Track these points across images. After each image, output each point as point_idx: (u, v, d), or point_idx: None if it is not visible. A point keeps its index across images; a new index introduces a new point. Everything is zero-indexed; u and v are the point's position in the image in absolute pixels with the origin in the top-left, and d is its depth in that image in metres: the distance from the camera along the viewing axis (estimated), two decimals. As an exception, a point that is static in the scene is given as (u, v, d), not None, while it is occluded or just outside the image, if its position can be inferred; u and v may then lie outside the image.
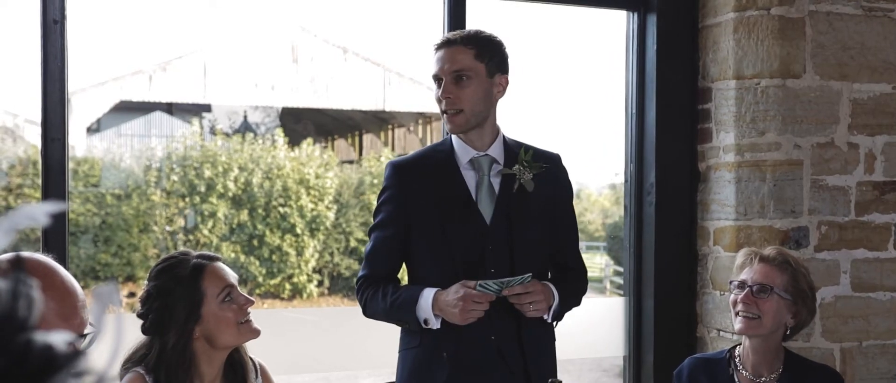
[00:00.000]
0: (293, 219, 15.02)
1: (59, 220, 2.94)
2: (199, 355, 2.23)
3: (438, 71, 2.49)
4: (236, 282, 2.29)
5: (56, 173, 2.94)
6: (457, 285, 2.41)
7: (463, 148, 2.55)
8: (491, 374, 2.50)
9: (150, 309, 2.22)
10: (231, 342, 2.25)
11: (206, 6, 19.23)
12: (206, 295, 2.21)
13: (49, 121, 2.92)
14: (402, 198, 2.53)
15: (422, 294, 2.46)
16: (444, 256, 2.49)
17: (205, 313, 2.21)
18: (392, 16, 19.23)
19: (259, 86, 16.22)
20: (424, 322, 2.46)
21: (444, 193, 2.52)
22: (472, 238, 2.49)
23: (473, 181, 2.53)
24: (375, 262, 2.57)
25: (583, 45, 19.77)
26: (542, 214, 2.56)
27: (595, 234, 26.53)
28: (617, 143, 3.85)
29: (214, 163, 14.77)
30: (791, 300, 2.58)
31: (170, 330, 2.19)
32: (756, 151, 3.50)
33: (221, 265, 2.28)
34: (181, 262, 2.25)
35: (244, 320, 2.25)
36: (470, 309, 2.38)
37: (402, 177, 2.55)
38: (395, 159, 2.64)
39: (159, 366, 2.19)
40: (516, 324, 2.52)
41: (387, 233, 2.55)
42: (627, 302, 3.79)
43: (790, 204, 3.48)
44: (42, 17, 2.92)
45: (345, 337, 3.61)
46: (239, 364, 2.34)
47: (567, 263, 2.64)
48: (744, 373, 2.63)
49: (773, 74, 3.48)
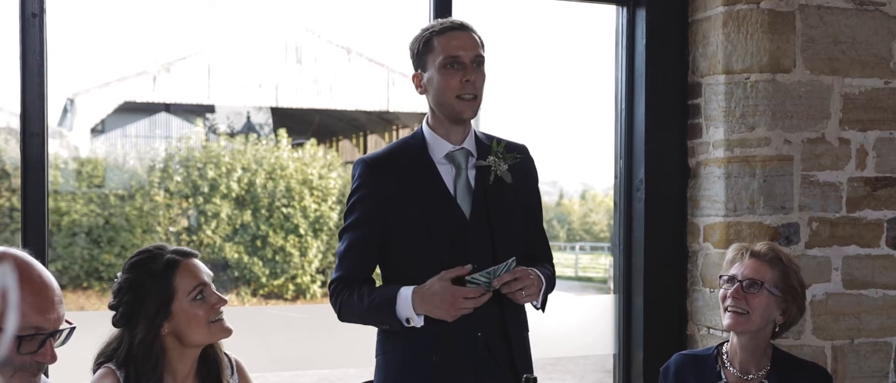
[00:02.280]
0: (296, 220, 15.02)
1: (38, 216, 2.92)
2: (170, 351, 2.21)
3: (457, 54, 2.41)
4: (210, 280, 2.25)
5: (35, 169, 2.92)
6: (435, 278, 2.37)
7: (437, 141, 2.50)
8: (479, 371, 2.46)
9: (121, 301, 2.19)
10: (201, 340, 2.22)
11: (209, 7, 19.27)
12: (177, 292, 2.19)
13: (28, 115, 2.90)
14: (377, 197, 2.46)
15: (399, 292, 2.40)
16: (426, 253, 2.43)
17: (175, 310, 2.18)
18: (395, 16, 19.21)
19: (263, 86, 16.25)
20: (406, 321, 2.40)
21: (422, 189, 2.46)
22: (453, 233, 2.44)
23: (450, 176, 2.49)
24: (350, 264, 2.49)
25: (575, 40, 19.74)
26: (517, 205, 2.53)
27: (600, 235, 26.47)
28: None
29: (218, 164, 14.79)
30: (781, 296, 2.55)
31: (138, 325, 2.16)
32: (746, 147, 3.46)
33: (196, 262, 2.25)
34: (155, 257, 2.22)
35: (215, 319, 2.22)
36: (461, 306, 2.34)
37: (377, 174, 2.48)
38: (365, 156, 2.55)
39: (129, 361, 2.16)
40: (501, 318, 2.48)
41: (361, 234, 2.47)
42: (617, 300, 3.76)
43: (780, 200, 3.44)
44: (21, 10, 2.90)
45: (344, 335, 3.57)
46: (213, 360, 2.31)
47: (537, 253, 2.60)
48: (731, 370, 2.59)
49: (762, 69, 3.44)
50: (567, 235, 27.62)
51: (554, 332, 3.72)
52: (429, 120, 2.53)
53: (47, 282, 1.72)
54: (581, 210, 29.06)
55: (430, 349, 2.43)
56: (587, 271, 22.16)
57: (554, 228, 28.81)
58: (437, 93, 2.45)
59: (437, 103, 2.47)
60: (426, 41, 2.45)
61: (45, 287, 1.71)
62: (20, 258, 1.72)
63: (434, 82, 2.44)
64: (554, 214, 29.49)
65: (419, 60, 2.48)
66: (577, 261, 23.08)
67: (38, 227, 2.91)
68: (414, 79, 2.51)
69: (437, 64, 2.42)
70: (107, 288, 3.56)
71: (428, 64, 2.45)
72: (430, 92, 2.47)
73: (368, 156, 2.54)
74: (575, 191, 30.23)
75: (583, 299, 11.43)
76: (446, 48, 2.42)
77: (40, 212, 2.92)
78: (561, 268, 21.39)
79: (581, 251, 25.34)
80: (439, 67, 2.42)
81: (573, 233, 27.93)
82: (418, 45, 2.47)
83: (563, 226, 28.17)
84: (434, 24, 2.48)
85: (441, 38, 2.43)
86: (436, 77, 2.43)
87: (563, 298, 4.13)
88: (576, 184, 30.60)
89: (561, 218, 28.90)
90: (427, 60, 2.45)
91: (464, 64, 2.41)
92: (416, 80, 2.50)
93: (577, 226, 28.26)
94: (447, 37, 2.43)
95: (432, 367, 2.43)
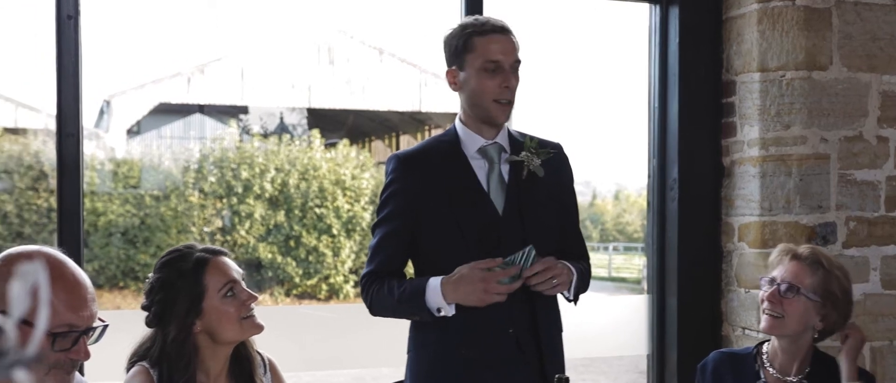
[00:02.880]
0: (329, 220, 15.08)
1: (73, 216, 2.95)
2: (203, 349, 2.22)
3: (497, 58, 2.39)
4: (241, 278, 2.26)
5: (71, 169, 2.95)
6: (464, 265, 2.34)
7: (471, 137, 2.48)
8: (509, 368, 2.44)
9: (153, 301, 2.21)
10: (233, 337, 2.23)
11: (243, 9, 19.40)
12: (207, 290, 2.19)
13: (63, 116, 2.93)
14: (410, 192, 2.45)
15: (428, 282, 2.38)
16: (459, 249, 2.41)
17: (206, 307, 2.19)
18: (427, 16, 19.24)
19: (296, 87, 16.33)
20: (437, 311, 2.38)
21: (454, 185, 2.45)
22: (486, 228, 2.43)
23: (483, 171, 2.47)
24: (382, 258, 2.48)
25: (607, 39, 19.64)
26: (550, 201, 2.51)
27: (633, 235, 26.31)
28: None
29: (251, 165, 14.88)
30: (819, 302, 2.47)
31: (171, 324, 2.17)
32: (781, 145, 3.42)
33: (226, 260, 2.26)
34: (185, 256, 2.23)
35: (246, 315, 2.23)
36: (493, 291, 2.32)
37: (409, 170, 2.47)
38: (398, 152, 2.54)
39: (162, 360, 2.18)
40: (532, 315, 2.47)
41: (394, 228, 2.47)
42: (651, 300, 3.73)
43: (817, 199, 3.40)
44: (56, 12, 2.93)
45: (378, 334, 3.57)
46: (246, 358, 2.32)
47: (572, 250, 2.57)
48: (770, 371, 2.54)
49: (798, 66, 3.40)
50: (600, 236, 27.50)
51: (587, 333, 3.70)
52: (461, 116, 2.52)
53: (80, 279, 1.74)
54: (614, 210, 28.93)
55: (460, 345, 2.42)
56: (621, 272, 22.04)
57: (587, 228, 28.68)
58: (473, 94, 2.43)
59: (472, 104, 2.45)
60: (466, 40, 2.42)
61: (78, 285, 1.72)
62: (53, 256, 1.74)
63: (471, 83, 2.42)
64: (587, 215, 29.36)
65: (456, 58, 2.45)
66: (611, 261, 22.95)
67: (74, 227, 2.93)
68: (448, 75, 2.49)
69: (477, 66, 2.40)
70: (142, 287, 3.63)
71: (466, 63, 2.42)
72: (465, 91, 2.45)
73: (401, 152, 2.54)
74: (608, 192, 30.10)
75: (616, 299, 11.37)
76: (487, 51, 2.39)
77: (75, 212, 2.95)
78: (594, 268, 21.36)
79: (614, 251, 25.20)
80: (478, 70, 2.40)
81: (606, 233, 27.80)
82: (457, 42, 2.44)
83: (597, 226, 28.04)
84: (474, 22, 2.44)
85: (482, 40, 2.40)
86: (473, 78, 2.41)
87: (597, 299, 4.11)
88: (609, 184, 30.47)
89: (594, 218, 28.77)
90: (465, 60, 2.42)
91: (503, 68, 2.39)
92: (451, 77, 2.48)
93: (610, 226, 28.13)
94: (488, 39, 2.40)
95: (463, 363, 2.42)
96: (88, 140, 15.23)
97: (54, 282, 1.68)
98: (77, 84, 2.95)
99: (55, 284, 1.68)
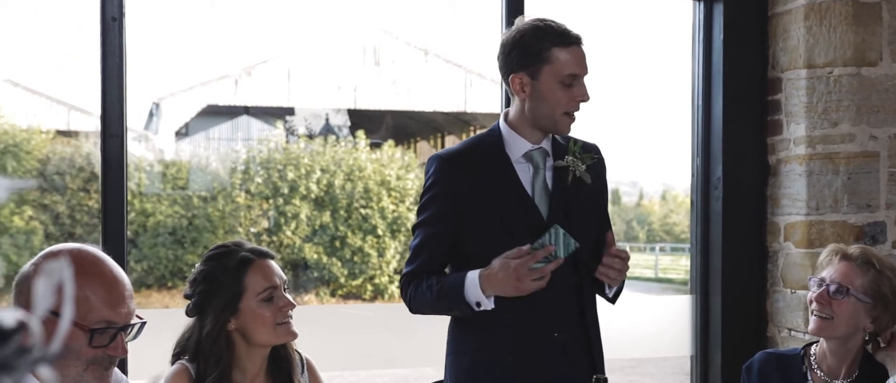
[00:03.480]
0: (374, 221, 15.13)
1: (118, 216, 2.99)
2: (238, 348, 2.23)
3: (578, 73, 2.34)
4: (283, 283, 2.26)
5: (115, 170, 2.99)
6: (496, 258, 2.30)
7: (516, 140, 2.42)
8: (555, 373, 2.40)
9: (195, 291, 2.23)
10: (266, 341, 2.23)
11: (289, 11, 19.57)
12: (246, 290, 2.20)
13: (108, 117, 2.97)
14: (453, 194, 2.40)
15: (466, 276, 2.34)
16: (502, 251, 2.34)
17: (242, 308, 2.20)
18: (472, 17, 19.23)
19: (341, 88, 16.41)
20: (476, 304, 2.34)
21: (500, 188, 2.40)
22: (530, 233, 2.37)
23: (527, 175, 2.42)
24: (423, 259, 2.43)
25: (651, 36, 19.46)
26: (592, 205, 2.47)
27: (681, 236, 26.05)
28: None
29: (297, 166, 14.99)
30: (870, 303, 2.41)
31: (208, 317, 2.19)
32: (829, 143, 3.35)
33: (270, 263, 2.26)
34: (231, 253, 2.25)
35: (282, 321, 2.22)
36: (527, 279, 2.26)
37: (452, 171, 2.42)
38: (441, 152, 2.50)
39: (198, 353, 2.19)
40: (580, 317, 2.43)
41: (436, 230, 2.42)
42: (694, 301, 3.68)
43: (866, 198, 3.33)
44: (101, 14, 2.98)
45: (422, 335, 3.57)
46: (284, 358, 2.32)
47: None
48: (818, 374, 2.49)
49: (846, 62, 3.33)
50: (647, 236, 27.30)
51: (633, 334, 3.68)
52: (509, 117, 2.46)
53: (118, 276, 1.76)
54: (661, 211, 28.69)
55: (504, 350, 2.38)
56: (667, 272, 21.82)
57: (634, 229, 28.47)
58: (544, 104, 2.36)
59: (539, 114, 2.38)
60: (545, 50, 2.33)
61: (116, 281, 1.74)
62: (88, 253, 1.75)
63: (545, 94, 2.35)
64: (634, 215, 29.16)
65: (528, 65, 2.35)
66: (657, 262, 22.75)
67: (118, 227, 2.97)
68: (515, 80, 2.38)
69: (556, 79, 2.33)
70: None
71: (541, 73, 2.34)
72: (533, 99, 2.37)
73: (444, 151, 2.49)
74: (655, 192, 29.88)
75: (661, 300, 11.25)
76: (570, 65, 2.33)
77: (119, 212, 2.98)
78: (640, 269, 21.10)
79: (661, 252, 24.99)
80: (557, 82, 2.33)
81: (653, 234, 27.58)
82: (532, 49, 2.34)
83: (643, 227, 27.85)
84: (554, 29, 2.35)
85: (565, 52, 2.33)
86: (549, 90, 2.34)
87: (643, 299, 4.06)
88: (656, 184, 30.25)
89: (641, 219, 28.57)
90: (542, 69, 2.33)
91: (580, 81, 2.36)
92: (518, 82, 2.37)
93: (657, 227, 27.90)
94: (571, 52, 2.33)
95: (506, 368, 2.38)
96: (138, 142, 15.48)
97: (92, 279, 1.69)
98: (121, 85, 2.99)
99: (93, 281, 1.70)
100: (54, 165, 14.14)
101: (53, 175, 14.02)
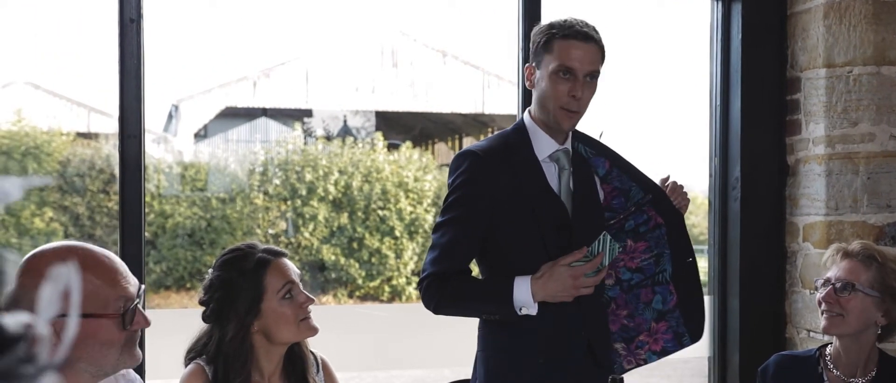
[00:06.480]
0: (392, 222, 15.13)
1: (135, 217, 3.00)
2: (258, 349, 2.24)
3: (572, 64, 2.33)
4: (298, 280, 2.28)
5: (132, 170, 3.00)
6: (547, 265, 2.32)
7: (544, 139, 2.43)
8: (581, 374, 2.42)
9: (212, 298, 2.23)
10: (289, 338, 2.25)
11: (307, 13, 19.62)
12: (267, 291, 2.21)
13: (125, 118, 2.98)
14: (483, 192, 2.38)
15: (514, 281, 2.32)
16: (535, 250, 2.37)
17: (264, 308, 2.21)
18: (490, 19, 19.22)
19: (359, 90, 16.43)
20: (519, 309, 2.33)
21: (530, 186, 2.40)
22: (558, 232, 2.39)
23: (553, 175, 2.43)
24: (452, 257, 2.37)
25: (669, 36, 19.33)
26: (602, 208, 2.50)
27: (699, 237, 25.92)
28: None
29: (315, 167, 15.01)
30: (878, 297, 2.42)
31: (230, 322, 2.20)
32: (848, 143, 3.33)
33: (286, 261, 2.28)
34: (246, 255, 2.25)
35: (303, 317, 2.24)
36: (581, 285, 2.30)
37: (484, 168, 2.38)
38: (473, 148, 2.44)
39: (218, 357, 2.20)
40: (604, 317, 2.47)
41: (468, 231, 2.37)
42: (712, 302, 3.66)
43: (885, 198, 3.30)
44: (119, 15, 2.99)
45: (439, 336, 3.57)
46: (299, 358, 2.34)
47: None
48: (835, 373, 2.49)
49: (866, 61, 3.30)
50: (666, 238, 27.12)
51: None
52: (532, 112, 2.47)
53: (113, 258, 1.77)
54: (680, 212, 28.50)
55: (535, 351, 2.38)
56: (686, 274, 21.65)
57: (652, 231, 28.28)
58: (542, 95, 2.39)
59: (540, 105, 2.41)
60: (547, 40, 2.37)
61: (109, 259, 1.75)
62: (84, 251, 1.74)
63: (542, 85, 2.38)
64: (652, 216, 28.95)
65: (535, 55, 2.41)
66: (676, 263, 22.59)
67: (136, 228, 2.98)
68: (526, 69, 2.45)
69: (551, 68, 2.35)
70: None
71: (542, 63, 2.38)
72: (536, 90, 2.42)
73: (476, 147, 2.44)
74: (674, 193, 29.67)
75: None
76: (562, 56, 2.33)
77: (137, 213, 2.99)
78: (659, 270, 21.07)
79: (680, 254, 24.81)
80: (551, 73, 2.35)
81: (672, 235, 27.40)
82: (539, 40, 2.39)
83: (662, 228, 27.64)
84: (561, 23, 2.38)
85: (561, 44, 2.34)
86: (545, 80, 2.37)
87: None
88: (674, 185, 30.02)
89: (659, 220, 28.35)
90: (543, 59, 2.38)
91: (577, 76, 2.34)
92: (529, 72, 2.43)
93: (676, 228, 27.72)
94: (567, 44, 2.34)
95: (537, 366, 2.39)
96: (157, 144, 15.55)
97: (96, 270, 1.70)
98: (139, 87, 3.00)
99: (97, 271, 1.70)
100: (74, 167, 14.22)
101: (73, 176, 14.11)
